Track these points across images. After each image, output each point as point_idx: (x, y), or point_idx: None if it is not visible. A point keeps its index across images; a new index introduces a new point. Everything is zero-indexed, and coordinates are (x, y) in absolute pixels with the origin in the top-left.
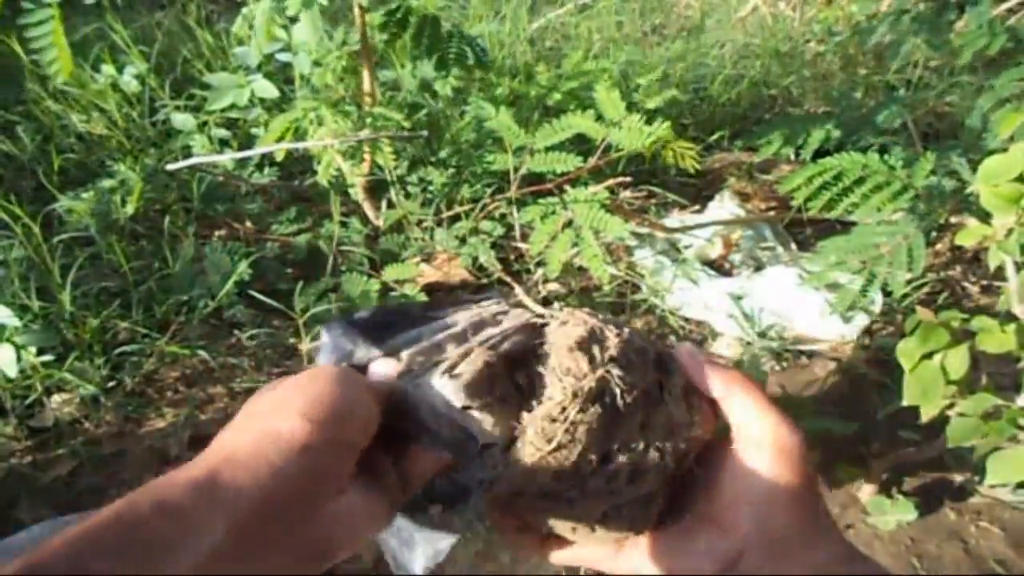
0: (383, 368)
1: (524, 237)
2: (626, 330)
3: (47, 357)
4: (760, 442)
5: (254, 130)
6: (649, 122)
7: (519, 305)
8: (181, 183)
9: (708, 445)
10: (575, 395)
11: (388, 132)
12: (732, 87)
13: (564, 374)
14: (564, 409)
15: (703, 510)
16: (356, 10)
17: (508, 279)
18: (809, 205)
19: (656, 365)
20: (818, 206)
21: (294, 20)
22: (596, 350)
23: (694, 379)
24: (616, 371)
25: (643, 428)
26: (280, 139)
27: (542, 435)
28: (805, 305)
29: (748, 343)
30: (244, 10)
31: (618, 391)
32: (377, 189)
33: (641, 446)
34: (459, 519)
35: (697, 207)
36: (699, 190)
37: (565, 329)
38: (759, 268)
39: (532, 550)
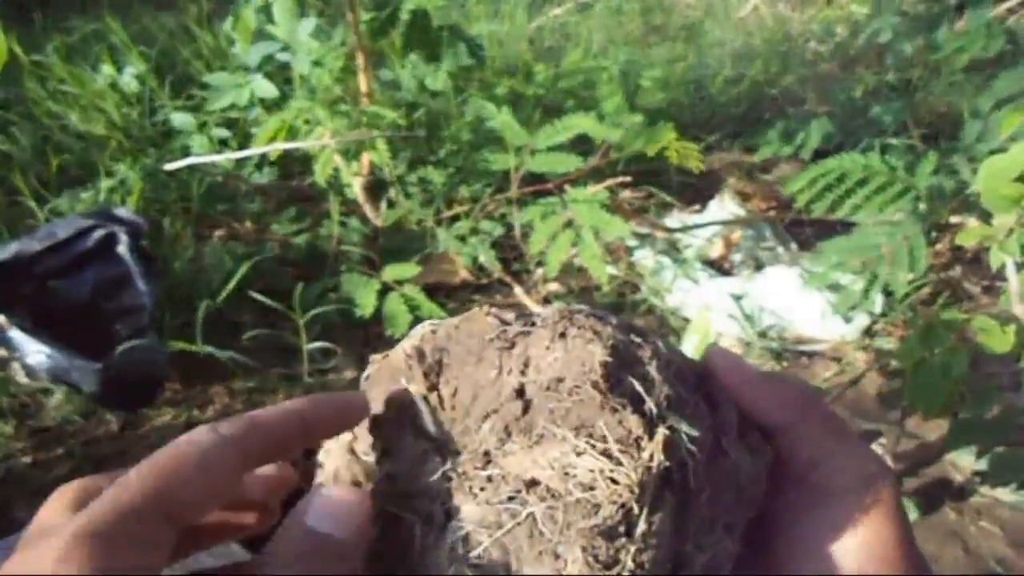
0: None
1: (524, 237)
2: (657, 341)
3: None
4: (845, 489)
5: (254, 130)
6: (650, 123)
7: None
8: (180, 183)
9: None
10: (642, 486)
11: (384, 131)
12: (732, 87)
13: (615, 443)
14: (628, 512)
15: None
16: (348, 10)
17: (508, 279)
18: (812, 207)
19: (701, 393)
20: (821, 208)
21: (268, 12)
22: (639, 387)
23: (749, 406)
24: (684, 426)
25: (712, 501)
26: (273, 139)
27: (594, 562)
28: (805, 305)
29: (748, 343)
30: (233, 8)
31: (690, 460)
32: (377, 189)
33: (717, 529)
34: None
35: (697, 207)
36: (699, 190)
37: (569, 347)
38: (759, 268)
39: None
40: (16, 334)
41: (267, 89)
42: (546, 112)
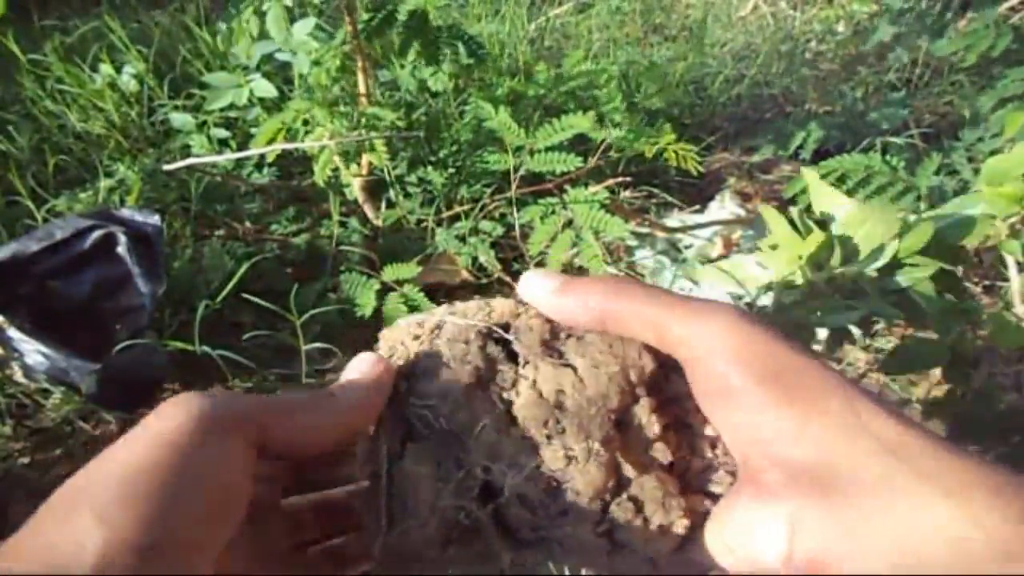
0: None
1: (524, 237)
2: (448, 314)
3: None
4: (692, 355)
5: (253, 130)
6: (650, 123)
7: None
8: (180, 183)
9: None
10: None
11: (384, 132)
12: (732, 87)
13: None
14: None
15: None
16: (345, 10)
17: (508, 279)
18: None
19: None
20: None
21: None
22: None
23: (563, 317)
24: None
25: (507, 425)
26: (272, 140)
27: None
28: None
29: None
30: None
31: (428, 412)
32: (376, 189)
33: (539, 446)
34: None
35: (697, 207)
36: (699, 190)
37: None
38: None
39: None
40: (14, 334)
41: (267, 89)
42: (547, 112)
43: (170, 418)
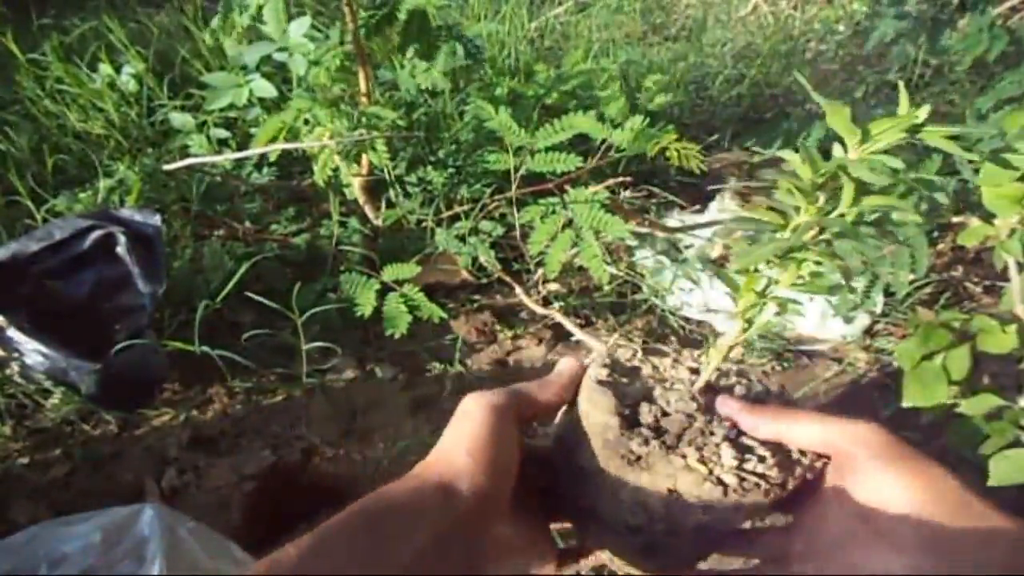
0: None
1: (524, 237)
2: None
3: None
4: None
5: (253, 130)
6: (651, 124)
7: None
8: (180, 183)
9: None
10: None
11: (384, 132)
12: (733, 87)
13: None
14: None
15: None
16: (346, 9)
17: (508, 279)
18: None
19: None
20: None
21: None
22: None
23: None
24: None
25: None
26: (273, 140)
27: None
28: (806, 305)
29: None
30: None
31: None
32: (376, 189)
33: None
34: None
35: (697, 207)
36: (699, 190)
37: None
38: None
39: None
40: (14, 334)
41: (266, 89)
42: (547, 112)
43: (480, 408)
